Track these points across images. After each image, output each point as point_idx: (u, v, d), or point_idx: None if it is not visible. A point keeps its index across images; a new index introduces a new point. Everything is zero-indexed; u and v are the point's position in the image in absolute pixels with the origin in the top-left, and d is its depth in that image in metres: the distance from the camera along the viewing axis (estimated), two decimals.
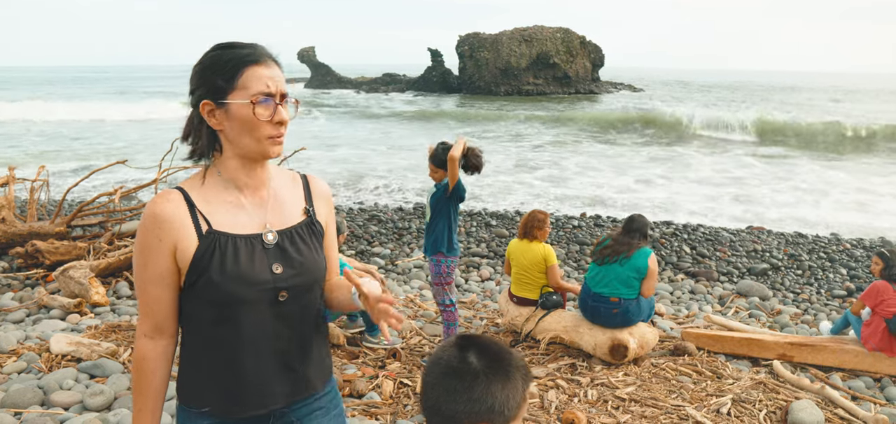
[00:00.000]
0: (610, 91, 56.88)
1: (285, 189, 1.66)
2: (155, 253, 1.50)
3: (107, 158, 17.76)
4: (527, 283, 5.29)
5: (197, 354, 1.57)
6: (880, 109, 40.85)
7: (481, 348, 1.26)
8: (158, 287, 1.52)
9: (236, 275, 1.49)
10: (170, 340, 1.57)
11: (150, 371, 1.56)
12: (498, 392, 1.22)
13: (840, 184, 15.91)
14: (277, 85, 1.51)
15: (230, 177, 1.56)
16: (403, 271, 8.02)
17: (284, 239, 1.58)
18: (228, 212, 1.54)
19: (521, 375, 1.26)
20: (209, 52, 1.52)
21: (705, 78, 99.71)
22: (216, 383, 1.56)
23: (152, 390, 1.57)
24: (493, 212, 11.93)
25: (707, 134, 25.70)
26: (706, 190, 15.14)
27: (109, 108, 35.22)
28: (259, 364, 1.55)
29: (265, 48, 1.54)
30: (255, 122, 1.49)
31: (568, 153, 21.12)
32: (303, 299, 1.59)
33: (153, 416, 1.58)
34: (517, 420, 1.27)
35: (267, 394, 1.58)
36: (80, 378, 4.10)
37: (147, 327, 1.55)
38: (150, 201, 1.56)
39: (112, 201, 7.55)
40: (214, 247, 1.50)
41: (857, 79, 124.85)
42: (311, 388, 1.67)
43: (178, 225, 1.50)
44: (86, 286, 5.87)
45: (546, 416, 3.94)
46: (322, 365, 1.71)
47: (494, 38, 54.06)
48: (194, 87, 1.52)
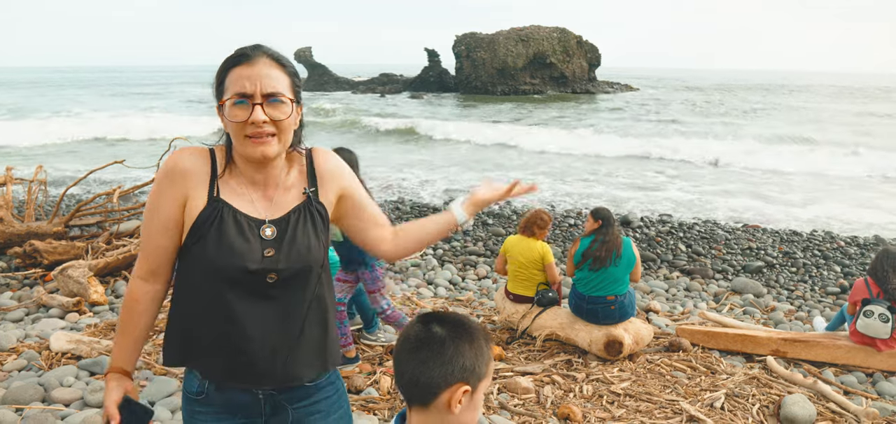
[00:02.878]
0: (607, 90, 56.95)
1: (292, 175, 1.66)
2: (166, 199, 1.55)
3: (104, 158, 17.75)
4: (523, 280, 5.34)
5: (183, 315, 1.60)
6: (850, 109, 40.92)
7: (441, 318, 1.37)
8: (162, 234, 1.57)
9: (230, 249, 1.52)
10: (162, 286, 1.63)
11: (138, 311, 1.61)
12: (467, 352, 1.33)
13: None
14: (256, 84, 1.50)
15: (244, 175, 1.61)
16: (400, 269, 8.06)
17: (281, 225, 1.59)
18: (237, 194, 1.59)
19: (483, 336, 1.37)
20: None
21: (705, 77, 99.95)
22: (198, 346, 1.58)
23: (138, 329, 1.62)
24: (490, 210, 11.97)
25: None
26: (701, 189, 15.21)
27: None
28: (242, 340, 1.56)
29: (262, 47, 1.54)
30: (232, 125, 1.52)
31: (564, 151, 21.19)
32: (293, 283, 1.60)
33: (133, 354, 1.63)
34: (488, 378, 1.36)
35: (251, 372, 1.59)
36: (80, 375, 4.13)
37: (143, 270, 1.60)
38: (176, 151, 1.60)
39: (110, 200, 7.58)
40: (218, 216, 1.54)
41: (861, 78, 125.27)
42: (299, 377, 1.65)
43: (195, 179, 1.55)
44: (84, 285, 5.90)
45: (542, 411, 3.99)
46: (316, 355, 1.67)
47: (491, 37, 54.09)
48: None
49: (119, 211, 7.67)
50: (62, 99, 44.84)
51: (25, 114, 30.85)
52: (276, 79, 1.53)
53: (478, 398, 1.36)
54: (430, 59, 58.34)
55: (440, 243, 9.51)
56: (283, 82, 1.55)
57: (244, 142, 1.53)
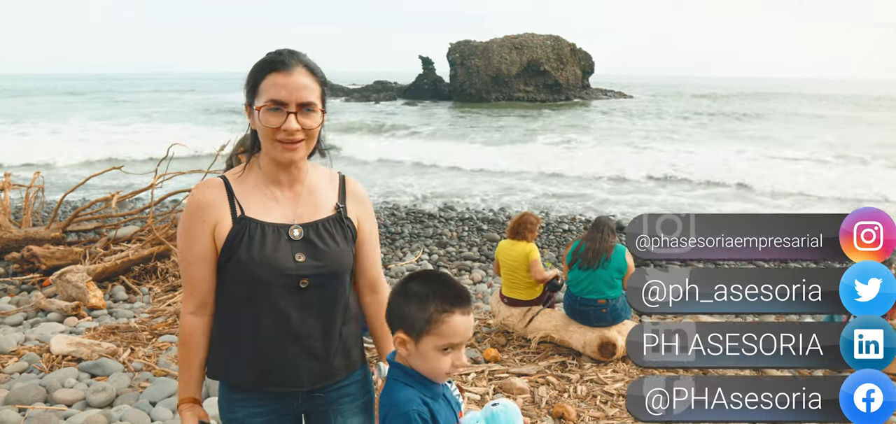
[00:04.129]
0: (600, 98, 57.26)
1: (321, 184, 1.75)
2: (198, 234, 1.63)
3: (102, 164, 17.77)
4: (515, 284, 5.42)
5: (227, 330, 1.69)
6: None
7: (419, 275, 1.61)
8: (201, 266, 1.65)
9: (261, 259, 1.61)
10: (212, 317, 1.71)
11: (195, 345, 1.70)
12: (405, 307, 1.56)
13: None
14: (293, 93, 1.57)
15: (267, 173, 1.69)
16: (396, 275, 8.13)
17: (310, 231, 1.68)
18: (262, 203, 1.67)
19: (439, 298, 1.55)
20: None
21: (701, 85, 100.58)
22: (242, 358, 1.68)
23: (197, 362, 1.71)
24: (484, 216, 12.06)
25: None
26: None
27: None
28: (282, 345, 1.66)
29: (297, 55, 1.62)
30: (264, 129, 1.61)
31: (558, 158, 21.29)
32: (325, 288, 1.69)
33: (198, 383, 1.72)
34: (437, 337, 1.54)
35: (290, 375, 1.69)
36: (81, 376, 4.18)
37: (192, 305, 1.68)
38: (194, 187, 1.70)
39: (109, 206, 7.62)
40: (245, 231, 1.62)
41: (860, 86, 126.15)
42: (334, 376, 1.75)
43: (218, 208, 1.63)
44: (83, 289, 5.95)
45: (537, 411, 4.07)
46: (348, 354, 1.78)
47: (485, 45, 54.33)
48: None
49: (117, 216, 7.72)
50: (66, 109, 44.23)
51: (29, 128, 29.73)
52: (310, 90, 1.61)
53: (423, 350, 1.56)
54: (424, 67, 58.52)
55: (435, 249, 9.59)
56: (316, 92, 1.63)
57: (275, 145, 1.61)
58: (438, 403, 1.62)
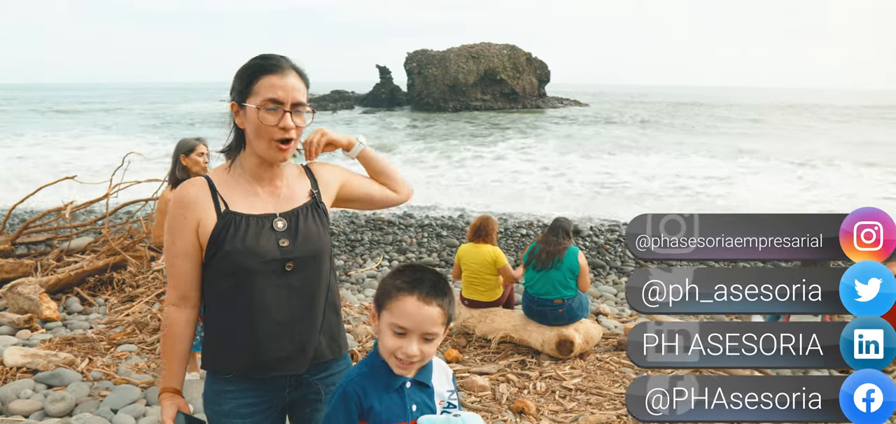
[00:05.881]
0: (556, 106, 58.15)
1: (293, 179, 1.86)
2: (181, 230, 1.72)
3: (55, 174, 17.23)
4: (477, 286, 5.53)
5: (218, 322, 1.77)
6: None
7: (415, 264, 1.66)
8: (184, 260, 1.73)
9: (248, 249, 1.70)
10: (193, 309, 1.78)
11: (177, 336, 1.76)
12: (380, 287, 1.63)
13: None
14: (289, 94, 1.69)
15: (250, 171, 1.78)
16: (357, 281, 8.16)
17: (292, 219, 1.78)
18: (245, 199, 1.76)
19: (402, 285, 1.58)
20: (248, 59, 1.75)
21: (655, 94, 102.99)
22: (235, 347, 1.75)
23: (179, 352, 1.78)
24: (443, 223, 12.17)
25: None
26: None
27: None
28: (271, 330, 1.74)
29: (288, 60, 1.74)
30: (261, 127, 1.70)
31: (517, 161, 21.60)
32: (309, 269, 1.78)
33: (179, 374, 1.78)
34: (392, 315, 1.57)
35: (280, 359, 1.77)
36: (37, 387, 4.11)
37: (174, 297, 1.76)
38: (178, 186, 1.78)
39: (62, 216, 7.45)
40: (230, 225, 1.71)
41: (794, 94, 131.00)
42: (322, 356, 1.84)
43: (201, 205, 1.72)
44: (36, 301, 5.82)
45: (498, 407, 4.17)
46: (334, 338, 1.87)
47: (442, 54, 54.66)
48: (230, 89, 1.75)
49: (70, 227, 7.55)
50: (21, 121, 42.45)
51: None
52: (301, 92, 1.74)
53: (381, 325, 1.60)
54: (381, 76, 58.52)
55: (396, 255, 9.66)
56: (305, 95, 1.76)
57: (270, 145, 1.71)
58: (390, 395, 1.61)
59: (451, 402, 1.70)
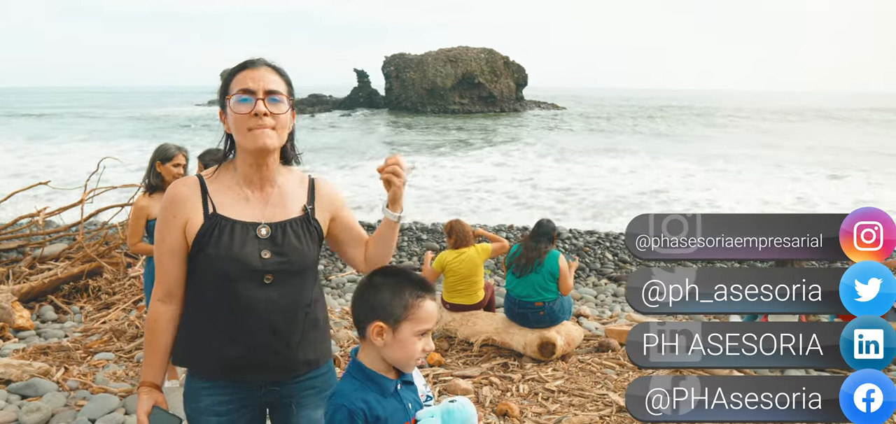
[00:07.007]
0: (533, 109, 58.47)
1: (291, 186, 1.85)
2: (170, 227, 1.73)
3: (28, 179, 16.90)
4: (460, 290, 5.54)
5: (194, 321, 1.77)
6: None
7: (386, 270, 1.68)
8: (171, 258, 1.74)
9: (229, 255, 1.70)
10: (178, 306, 1.78)
11: (160, 330, 1.77)
12: (384, 296, 1.60)
13: None
14: (259, 83, 1.71)
15: (241, 174, 1.78)
16: (337, 285, 8.12)
17: (277, 230, 1.77)
18: (234, 202, 1.76)
19: (412, 285, 1.61)
20: None
21: (634, 96, 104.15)
22: (209, 349, 1.75)
23: (161, 347, 1.78)
24: (423, 226, 12.16)
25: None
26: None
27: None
28: (245, 338, 1.74)
29: (263, 59, 1.77)
30: (237, 118, 1.71)
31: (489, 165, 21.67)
32: (288, 284, 1.77)
33: (160, 369, 1.79)
34: (413, 322, 1.59)
35: (252, 366, 1.76)
36: (11, 398, 4.01)
37: (161, 293, 1.77)
38: (170, 185, 1.79)
39: (36, 223, 7.31)
40: (215, 228, 1.72)
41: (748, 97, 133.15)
42: (296, 370, 1.82)
43: (191, 204, 1.73)
44: (8, 310, 5.69)
45: (481, 410, 4.17)
46: (311, 352, 1.84)
47: (420, 58, 54.71)
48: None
49: (43, 234, 7.41)
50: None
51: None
52: (275, 82, 1.75)
53: (401, 337, 1.59)
54: (359, 80, 58.39)
55: None
56: (282, 85, 1.76)
57: (246, 134, 1.71)
58: (388, 400, 1.64)
59: (428, 395, 1.75)
